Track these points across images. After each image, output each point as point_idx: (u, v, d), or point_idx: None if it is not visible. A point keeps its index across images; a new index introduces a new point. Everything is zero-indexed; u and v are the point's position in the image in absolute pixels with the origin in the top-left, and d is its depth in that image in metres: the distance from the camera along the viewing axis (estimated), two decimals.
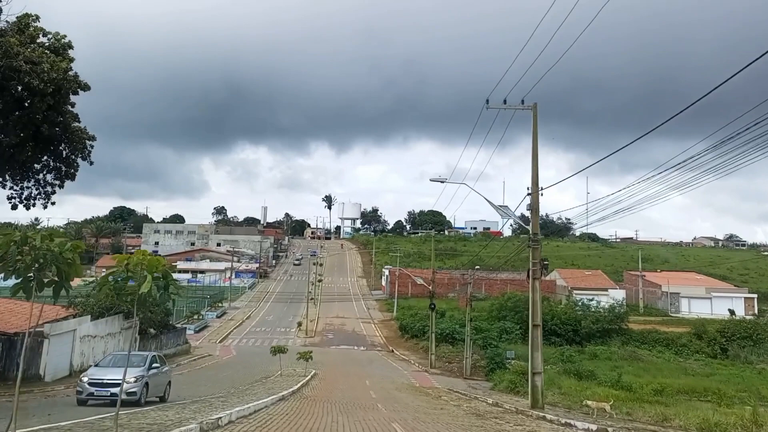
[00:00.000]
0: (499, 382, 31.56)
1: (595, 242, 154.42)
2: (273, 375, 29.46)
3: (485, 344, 45.71)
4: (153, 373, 17.90)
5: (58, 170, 20.92)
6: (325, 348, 51.24)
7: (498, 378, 32.18)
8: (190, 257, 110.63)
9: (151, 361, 18.29)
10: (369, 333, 62.65)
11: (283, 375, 29.09)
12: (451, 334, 48.34)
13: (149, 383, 17.38)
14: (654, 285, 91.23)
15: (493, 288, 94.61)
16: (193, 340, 53.41)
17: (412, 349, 51.81)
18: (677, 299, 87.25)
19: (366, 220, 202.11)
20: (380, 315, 77.43)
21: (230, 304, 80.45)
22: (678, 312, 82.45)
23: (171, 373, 20.76)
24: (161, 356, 20.89)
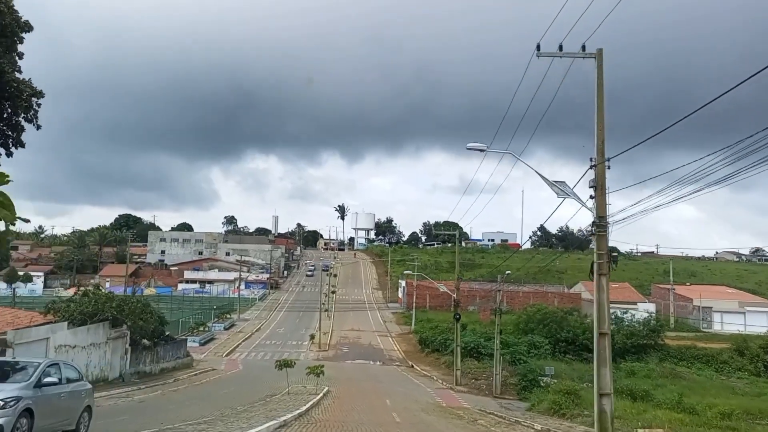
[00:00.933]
0: (537, 402, 27.45)
1: (615, 255, 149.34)
2: (280, 393, 25.59)
3: (514, 359, 41.66)
4: (46, 393, 11.11)
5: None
6: (339, 362, 47.36)
7: (537, 398, 28.05)
8: (197, 267, 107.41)
9: (43, 374, 11.26)
10: (386, 347, 58.59)
11: (291, 393, 25.21)
12: (476, 348, 44.24)
13: (35, 410, 10.46)
14: (685, 299, 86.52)
15: (515, 301, 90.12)
16: (197, 353, 49.86)
17: (433, 364, 47.70)
18: (710, 313, 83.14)
19: (380, 231, 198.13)
20: (398, 328, 73.38)
21: (239, 315, 76.78)
22: (710, 327, 78.42)
23: (91, 394, 13.66)
24: (71, 367, 13.64)
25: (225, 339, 59.12)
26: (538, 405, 26.55)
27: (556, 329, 50.73)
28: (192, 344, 52.52)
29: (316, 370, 25.33)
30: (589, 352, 47.69)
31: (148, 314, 30.75)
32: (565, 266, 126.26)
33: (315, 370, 25.29)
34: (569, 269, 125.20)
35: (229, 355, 50.47)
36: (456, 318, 36.54)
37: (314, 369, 25.36)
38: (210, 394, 27.00)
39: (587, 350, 47.42)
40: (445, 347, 48.77)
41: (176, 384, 31.20)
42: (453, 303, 36.73)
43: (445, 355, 47.61)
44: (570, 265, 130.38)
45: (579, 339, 48.79)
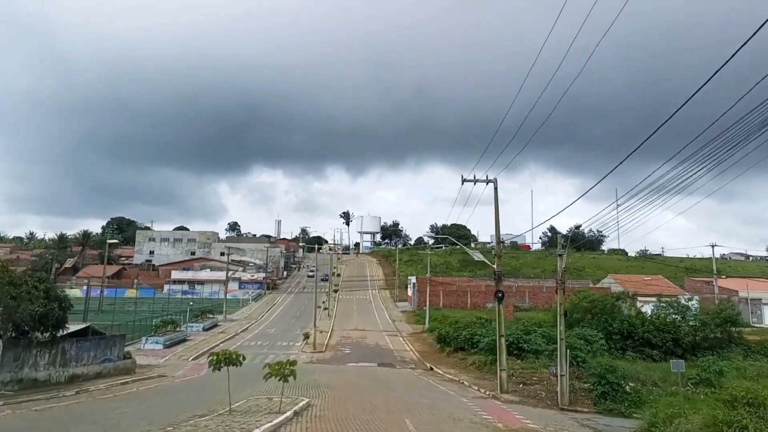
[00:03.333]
0: (652, 421, 16.51)
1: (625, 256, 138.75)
2: (218, 411, 14.98)
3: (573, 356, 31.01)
4: None
5: None
6: (338, 365, 36.68)
7: (652, 414, 16.98)
8: (188, 267, 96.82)
9: None
10: (397, 347, 47.75)
11: (240, 411, 14.63)
12: (516, 343, 33.27)
13: None
14: (727, 291, 75.86)
15: (538, 297, 79.16)
16: (156, 356, 39.49)
17: (457, 365, 36.80)
18: (759, 306, 73.93)
19: (386, 234, 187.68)
20: (408, 327, 62.54)
21: (226, 315, 66.12)
22: (761, 321, 69.49)
23: None
24: None
25: (200, 340, 48.46)
26: (659, 426, 15.61)
27: (607, 320, 39.92)
28: (153, 346, 42.31)
29: (283, 369, 14.62)
30: (651, 348, 36.84)
31: (38, 292, 20.10)
32: (582, 264, 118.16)
33: (279, 369, 14.59)
34: (587, 266, 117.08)
35: (198, 358, 39.78)
36: (498, 296, 25.65)
37: (278, 369, 14.64)
38: (114, 410, 16.40)
39: (649, 345, 37.04)
40: (472, 344, 37.99)
41: (85, 395, 20.64)
42: (494, 277, 25.74)
43: (474, 354, 36.85)
44: (587, 262, 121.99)
45: (638, 333, 37.89)
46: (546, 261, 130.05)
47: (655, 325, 38.40)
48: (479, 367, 34.42)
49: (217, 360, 14.34)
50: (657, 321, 39.15)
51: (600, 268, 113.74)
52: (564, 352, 23.34)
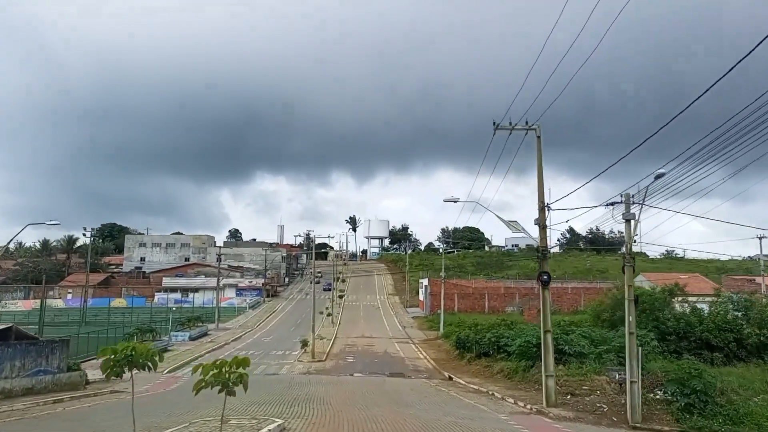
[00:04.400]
0: None
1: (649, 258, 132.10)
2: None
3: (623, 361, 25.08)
4: None
5: None
6: (339, 376, 30.75)
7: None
8: (181, 273, 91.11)
9: None
10: (409, 355, 41.79)
11: None
12: (556, 344, 27.09)
13: None
14: None
15: (562, 300, 72.86)
16: None
17: (481, 374, 30.80)
18: None
19: (395, 239, 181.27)
20: (421, 334, 56.54)
21: (218, 324, 60.34)
22: None
23: None
24: None
25: (183, 351, 42.64)
26: None
27: (658, 318, 33.90)
28: None
29: (223, 376, 8.66)
30: (709, 350, 30.85)
31: None
32: (605, 266, 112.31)
33: (219, 377, 8.64)
34: (610, 268, 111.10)
35: (175, 371, 33.94)
36: (543, 279, 19.50)
37: (216, 374, 8.67)
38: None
39: (707, 347, 30.96)
40: (499, 349, 31.97)
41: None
42: (537, 255, 19.59)
43: (501, 360, 30.84)
44: (609, 264, 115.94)
45: (695, 333, 31.75)
46: (565, 263, 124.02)
47: (715, 324, 32.29)
48: (509, 375, 28.42)
49: (115, 362, 8.50)
50: (717, 319, 32.97)
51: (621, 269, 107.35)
52: (636, 352, 17.34)
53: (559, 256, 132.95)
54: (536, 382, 24.70)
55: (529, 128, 19.51)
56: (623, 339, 27.73)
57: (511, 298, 72.13)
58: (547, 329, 19.03)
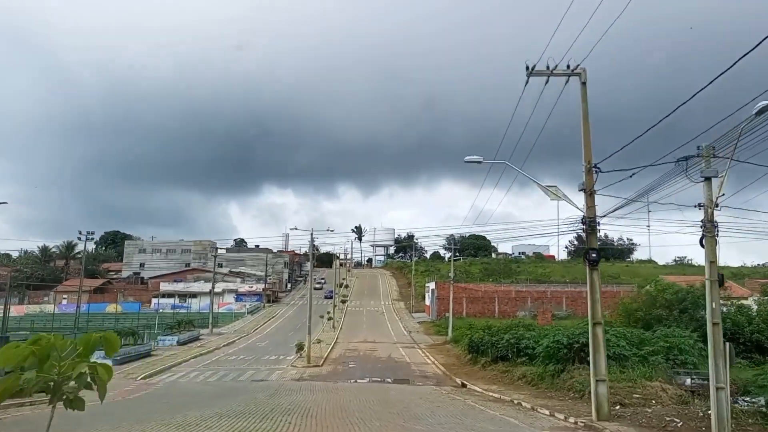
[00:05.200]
0: None
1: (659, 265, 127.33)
2: None
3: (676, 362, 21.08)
4: None
5: None
6: (335, 383, 26.63)
7: None
8: (180, 279, 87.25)
9: None
10: (415, 360, 37.64)
11: None
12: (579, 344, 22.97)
13: None
14: None
15: (577, 304, 68.45)
16: None
17: (499, 380, 26.67)
18: None
19: (400, 247, 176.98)
20: (428, 338, 52.41)
21: (212, 329, 56.43)
22: None
23: None
24: None
25: (167, 355, 38.66)
26: None
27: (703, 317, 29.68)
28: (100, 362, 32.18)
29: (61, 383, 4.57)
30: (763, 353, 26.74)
31: None
32: (615, 271, 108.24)
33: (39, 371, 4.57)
34: (622, 274, 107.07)
35: (152, 376, 29.92)
36: (591, 258, 15.13)
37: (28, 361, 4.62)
38: None
39: (758, 349, 26.84)
40: (519, 352, 27.85)
41: None
42: (583, 226, 15.23)
43: (522, 365, 26.78)
44: (620, 270, 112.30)
45: (743, 332, 27.63)
46: (575, 269, 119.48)
47: (767, 324, 28.17)
48: (533, 381, 24.29)
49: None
50: None
51: (636, 275, 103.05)
52: (725, 349, 13.13)
53: (567, 263, 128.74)
54: (570, 389, 20.60)
55: (571, 73, 15.35)
56: (668, 339, 23.69)
57: (523, 302, 67.83)
58: (597, 321, 14.90)
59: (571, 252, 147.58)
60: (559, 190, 15.49)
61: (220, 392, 22.62)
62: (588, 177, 15.06)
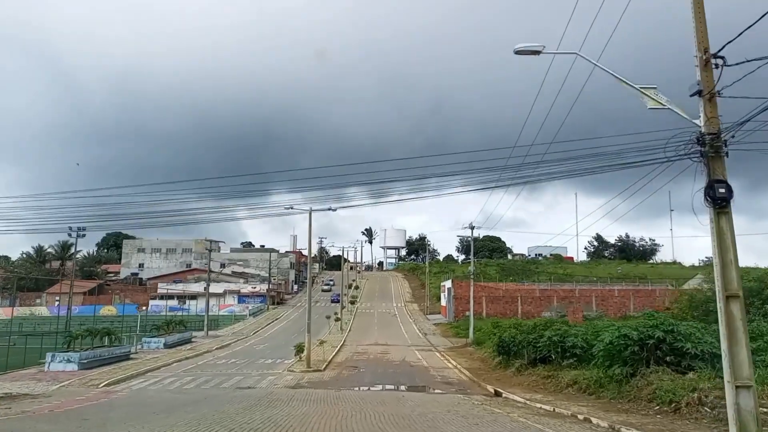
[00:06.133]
0: None
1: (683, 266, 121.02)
2: None
3: None
4: None
5: None
6: (339, 390, 21.42)
7: None
8: (179, 279, 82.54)
9: None
10: (434, 364, 32.36)
11: None
12: (665, 341, 17.40)
13: None
14: None
15: (608, 303, 62.84)
16: (49, 380, 25.04)
17: (541, 387, 21.39)
18: None
19: (412, 249, 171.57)
20: (446, 341, 47.19)
21: (207, 331, 51.53)
22: None
23: None
24: None
25: (147, 359, 33.69)
26: None
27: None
28: (61, 367, 28.03)
29: None
30: None
31: None
32: (641, 272, 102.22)
33: None
34: (648, 274, 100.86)
35: (119, 383, 24.87)
36: (716, 197, 10.16)
37: None
38: None
39: None
40: (564, 352, 22.51)
41: None
42: (700, 148, 10.09)
43: (569, 368, 21.54)
44: (645, 270, 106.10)
45: None
46: (598, 269, 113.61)
47: None
48: (589, 389, 19.03)
49: None
50: None
51: (662, 275, 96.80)
52: None
53: (588, 264, 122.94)
54: (652, 400, 15.26)
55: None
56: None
57: (548, 301, 62.28)
58: (733, 293, 9.52)
59: (590, 253, 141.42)
60: (659, 94, 10.33)
61: (186, 402, 17.55)
62: (705, 73, 9.84)
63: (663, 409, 14.38)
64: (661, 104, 10.26)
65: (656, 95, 10.33)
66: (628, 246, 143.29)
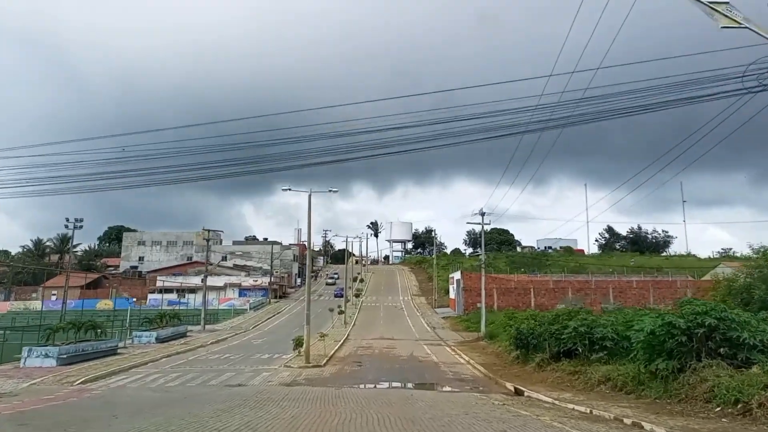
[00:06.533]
0: None
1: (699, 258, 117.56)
2: None
3: None
4: None
5: None
6: (341, 388, 19.01)
7: None
8: (179, 272, 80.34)
9: None
10: (444, 359, 29.94)
11: None
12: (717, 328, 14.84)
13: None
14: None
15: (626, 295, 60.18)
16: (24, 376, 22.79)
17: (567, 384, 18.96)
18: None
19: (419, 242, 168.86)
20: (456, 335, 44.78)
21: (204, 325, 49.34)
22: None
23: None
24: None
25: (137, 353, 31.47)
26: None
27: None
28: (38, 362, 25.77)
29: None
30: None
31: None
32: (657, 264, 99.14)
33: None
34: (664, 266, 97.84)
35: (97, 380, 22.56)
36: None
37: None
38: None
39: None
40: (592, 344, 20.02)
41: None
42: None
43: (599, 362, 19.07)
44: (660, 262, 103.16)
45: None
46: (611, 261, 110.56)
47: None
48: (626, 386, 16.61)
49: None
50: None
51: (680, 267, 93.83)
52: None
53: (600, 256, 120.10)
54: (709, 400, 12.80)
55: None
56: None
57: (563, 293, 59.69)
58: None
59: (601, 245, 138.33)
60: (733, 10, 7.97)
61: (160, 403, 15.20)
62: None
63: (727, 410, 11.88)
64: (736, 22, 7.78)
65: (730, 11, 7.86)
66: (641, 238, 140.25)
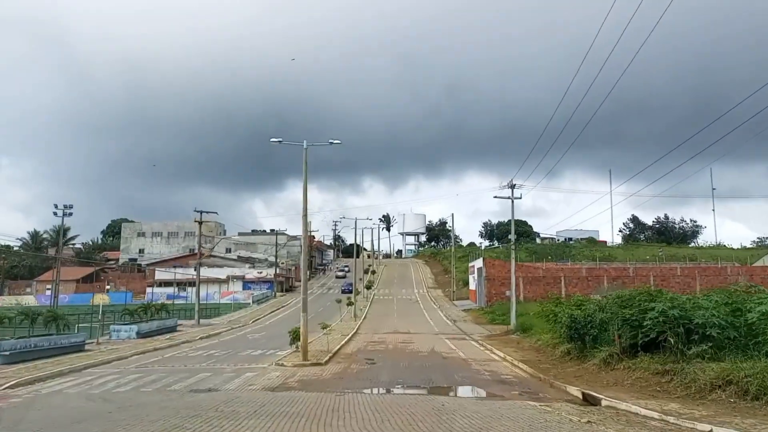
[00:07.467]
0: None
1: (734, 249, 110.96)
2: None
3: None
4: None
5: None
6: (343, 394, 13.68)
7: None
8: (180, 264, 75.58)
9: None
10: (474, 355, 24.62)
11: None
12: None
13: None
14: None
15: (670, 282, 54.42)
16: None
17: (655, 387, 13.62)
18: None
19: (433, 235, 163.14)
20: (480, 329, 39.47)
21: (198, 319, 44.46)
22: None
23: None
24: None
25: (106, 350, 26.48)
26: None
27: None
28: None
29: None
30: None
31: None
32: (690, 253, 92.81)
33: None
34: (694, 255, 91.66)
35: (45, 380, 17.53)
36: None
37: None
38: None
39: None
40: (688, 334, 14.56)
41: None
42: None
43: (701, 360, 13.57)
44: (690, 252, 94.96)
45: None
46: (638, 251, 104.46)
47: None
48: (765, 394, 11.08)
49: None
50: None
51: (713, 257, 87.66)
52: None
53: (624, 247, 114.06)
54: None
55: None
56: None
57: (597, 282, 54.15)
58: None
59: (626, 236, 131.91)
60: None
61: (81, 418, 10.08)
62: None
63: None
64: None
65: None
66: (667, 228, 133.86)
